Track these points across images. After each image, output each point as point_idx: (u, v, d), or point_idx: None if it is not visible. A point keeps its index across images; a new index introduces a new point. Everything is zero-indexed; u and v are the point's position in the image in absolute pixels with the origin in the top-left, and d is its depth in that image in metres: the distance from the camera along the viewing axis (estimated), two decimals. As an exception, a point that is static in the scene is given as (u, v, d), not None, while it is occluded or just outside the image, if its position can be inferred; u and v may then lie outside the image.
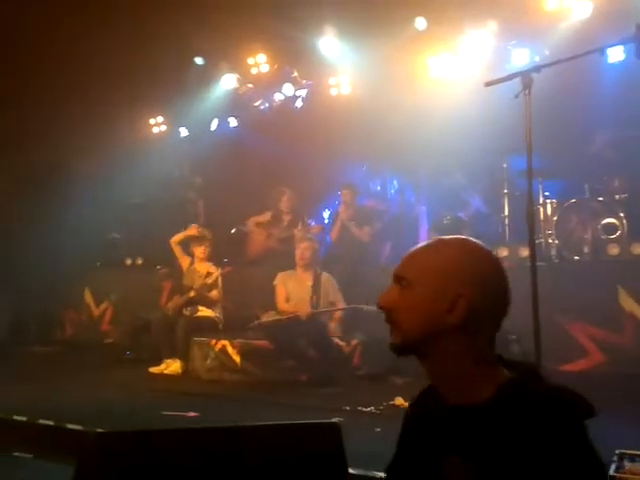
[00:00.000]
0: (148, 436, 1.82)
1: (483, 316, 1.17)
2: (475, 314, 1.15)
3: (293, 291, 5.53)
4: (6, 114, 7.78)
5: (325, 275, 5.64)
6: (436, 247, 1.23)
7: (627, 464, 2.42)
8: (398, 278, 1.23)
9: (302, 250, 5.52)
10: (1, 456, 3.27)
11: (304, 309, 5.30)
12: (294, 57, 8.24)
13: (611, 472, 2.32)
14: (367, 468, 2.51)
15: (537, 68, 2.93)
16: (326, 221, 8.29)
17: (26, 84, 7.80)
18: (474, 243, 1.24)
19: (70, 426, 3.42)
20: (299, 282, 5.54)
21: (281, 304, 5.48)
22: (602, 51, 2.94)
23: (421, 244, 1.26)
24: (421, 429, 1.27)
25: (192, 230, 6.51)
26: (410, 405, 1.38)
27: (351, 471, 1.88)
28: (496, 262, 1.22)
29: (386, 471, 1.39)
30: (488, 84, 3.10)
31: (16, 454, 3.27)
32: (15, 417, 3.61)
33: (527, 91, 2.92)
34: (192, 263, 6.34)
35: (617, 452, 2.54)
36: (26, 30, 7.45)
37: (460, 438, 1.15)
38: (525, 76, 2.91)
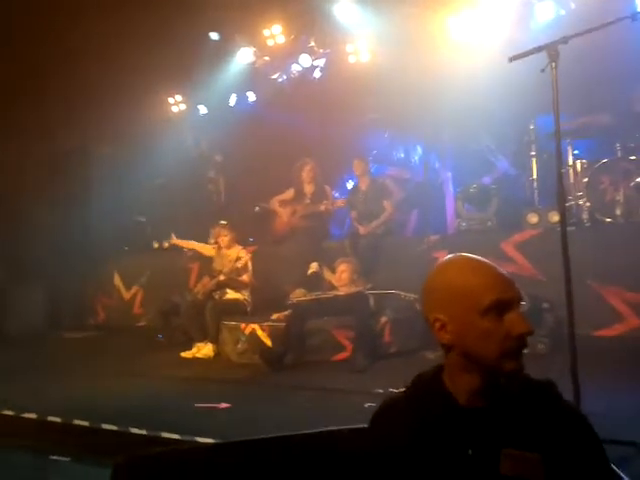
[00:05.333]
0: (175, 456, 1.83)
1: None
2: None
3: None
4: (27, 100, 7.81)
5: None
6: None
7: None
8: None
9: (341, 272, 5.50)
10: (39, 459, 3.34)
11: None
12: (310, 26, 8.03)
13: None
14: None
15: (564, 40, 2.75)
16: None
17: (46, 70, 7.79)
18: (450, 265, 1.32)
19: (105, 426, 3.46)
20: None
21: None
22: (634, 17, 2.73)
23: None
24: (437, 430, 1.30)
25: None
26: (409, 403, 1.39)
27: None
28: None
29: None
30: (512, 59, 2.93)
31: (54, 457, 3.34)
32: (50, 418, 3.68)
33: (554, 64, 2.76)
34: (220, 248, 6.33)
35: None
36: (44, 15, 7.42)
37: (504, 433, 1.21)
38: (551, 48, 2.73)
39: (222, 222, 6.48)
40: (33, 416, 3.77)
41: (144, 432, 3.34)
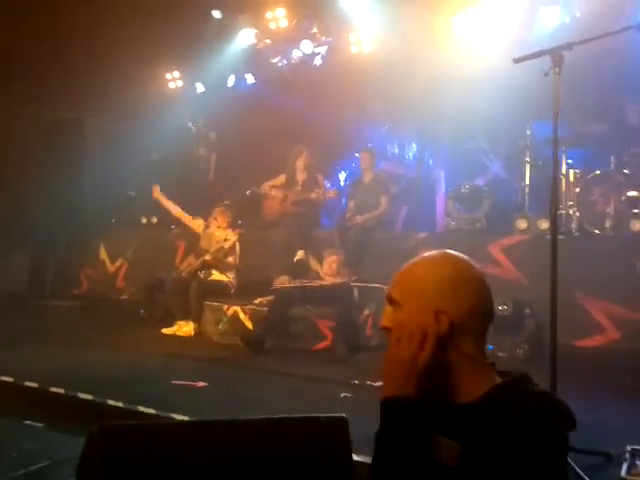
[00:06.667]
0: (151, 429, 1.82)
1: (466, 326, 1.25)
2: (458, 325, 1.24)
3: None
4: (22, 68, 7.70)
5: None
6: (418, 266, 1.32)
7: None
8: (389, 299, 1.33)
9: (329, 263, 5.53)
10: (13, 423, 3.33)
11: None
12: (314, 12, 7.99)
13: (622, 473, 2.27)
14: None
15: (569, 46, 2.75)
16: (342, 183, 8.20)
17: (45, 39, 7.68)
18: (454, 259, 1.31)
19: (81, 395, 3.46)
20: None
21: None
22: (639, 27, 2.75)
23: (407, 264, 1.34)
24: (408, 420, 1.28)
25: (154, 193, 6.66)
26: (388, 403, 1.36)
27: (355, 458, 1.85)
28: (475, 275, 1.29)
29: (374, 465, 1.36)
30: (517, 60, 2.92)
31: (27, 422, 3.33)
32: (27, 383, 3.66)
33: (557, 69, 2.75)
34: (208, 226, 6.31)
35: (629, 449, 2.48)
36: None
37: (448, 423, 1.23)
38: (555, 53, 2.73)
39: (226, 202, 6.47)
40: (10, 380, 3.76)
41: (120, 404, 3.34)
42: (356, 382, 3.99)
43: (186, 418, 3.05)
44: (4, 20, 7.30)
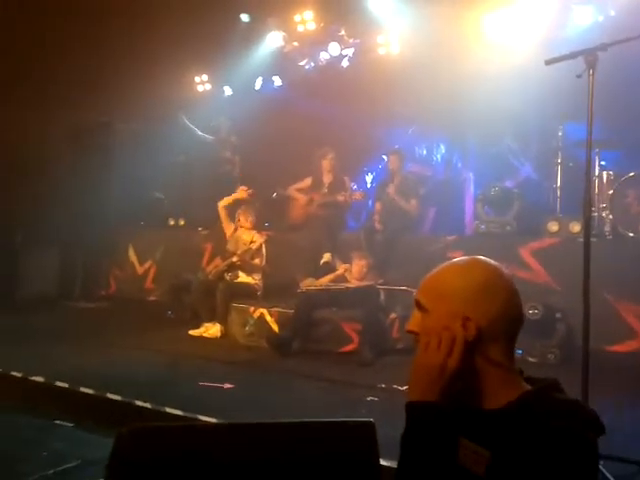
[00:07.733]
0: (180, 431, 1.82)
1: (494, 332, 1.25)
2: (486, 331, 1.24)
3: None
4: (53, 72, 7.82)
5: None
6: (446, 272, 1.31)
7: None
8: (417, 304, 1.32)
9: (360, 266, 5.52)
10: (43, 422, 3.38)
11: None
12: (342, 14, 7.97)
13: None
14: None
15: (603, 47, 2.67)
16: (369, 185, 8.16)
17: (80, 45, 7.80)
18: (482, 264, 1.30)
19: (110, 396, 3.49)
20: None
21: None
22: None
23: (435, 269, 1.33)
24: (432, 422, 1.27)
25: (241, 193, 6.45)
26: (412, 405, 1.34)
27: (383, 463, 1.82)
28: (504, 281, 1.28)
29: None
30: (548, 62, 2.85)
31: (57, 422, 3.37)
32: (57, 383, 3.71)
33: (591, 71, 2.68)
34: (236, 229, 6.33)
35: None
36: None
37: (475, 428, 1.22)
38: (589, 54, 2.66)
39: (254, 202, 6.49)
40: (40, 379, 3.82)
41: (148, 405, 3.37)
42: (383, 386, 3.96)
43: (212, 420, 3.06)
44: (41, 26, 7.43)
